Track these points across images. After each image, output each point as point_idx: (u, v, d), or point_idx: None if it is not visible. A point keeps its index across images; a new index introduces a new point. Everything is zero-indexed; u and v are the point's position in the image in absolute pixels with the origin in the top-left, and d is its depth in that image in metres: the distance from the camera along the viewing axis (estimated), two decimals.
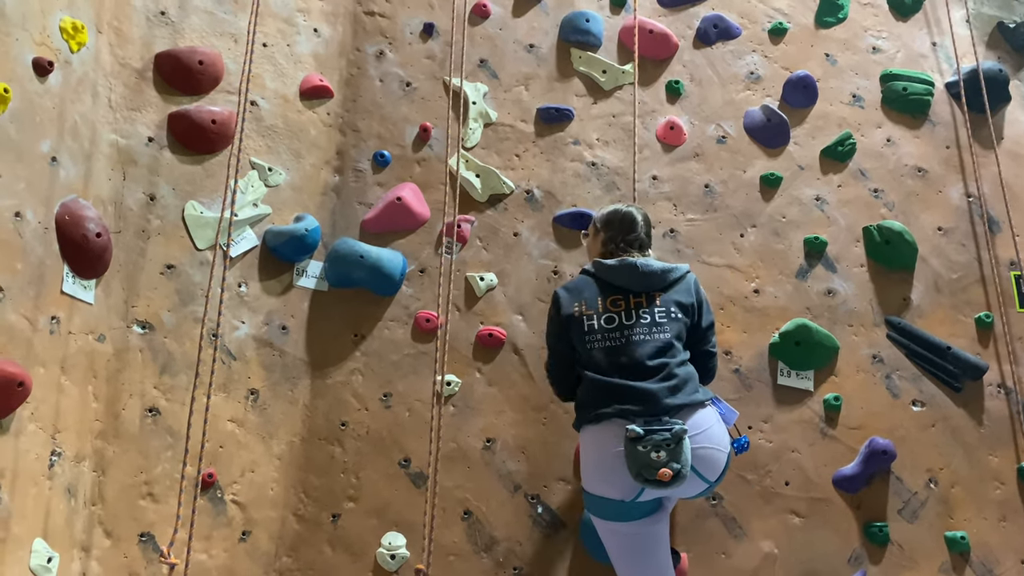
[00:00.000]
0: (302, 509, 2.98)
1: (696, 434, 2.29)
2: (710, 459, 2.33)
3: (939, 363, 3.17)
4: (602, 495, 2.35)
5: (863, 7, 3.80)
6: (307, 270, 3.22)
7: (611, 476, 2.30)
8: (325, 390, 3.13)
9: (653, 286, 2.52)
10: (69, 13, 2.76)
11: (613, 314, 2.49)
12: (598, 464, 2.36)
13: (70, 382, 2.59)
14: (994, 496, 3.03)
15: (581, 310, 2.52)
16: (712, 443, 2.34)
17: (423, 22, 3.66)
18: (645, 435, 2.21)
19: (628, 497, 2.30)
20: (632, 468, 2.21)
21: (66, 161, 2.67)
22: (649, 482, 2.19)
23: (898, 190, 3.47)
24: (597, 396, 2.41)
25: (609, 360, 2.43)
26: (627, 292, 2.51)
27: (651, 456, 2.19)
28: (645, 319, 2.46)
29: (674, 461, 2.19)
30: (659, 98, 3.60)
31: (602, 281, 2.55)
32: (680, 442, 2.22)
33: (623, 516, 2.36)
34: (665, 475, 2.17)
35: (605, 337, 2.46)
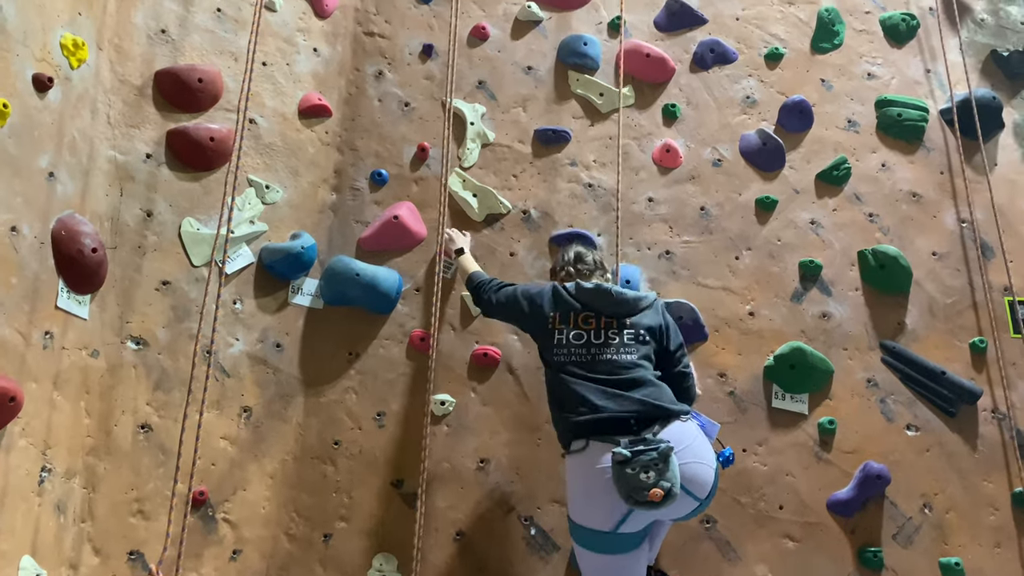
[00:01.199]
0: (294, 528, 2.96)
1: (680, 449, 2.27)
2: (697, 475, 2.30)
3: (934, 388, 3.17)
4: (587, 526, 2.31)
5: (858, 33, 3.84)
6: (303, 288, 3.22)
7: (597, 504, 2.28)
8: (319, 408, 3.12)
9: (623, 312, 2.56)
10: (70, 30, 2.77)
11: (582, 331, 2.53)
12: (584, 491, 2.33)
13: (62, 398, 2.58)
14: (989, 522, 3.02)
15: (554, 322, 2.58)
16: (697, 458, 2.31)
17: (422, 43, 3.69)
18: (632, 457, 2.19)
19: (610, 526, 2.27)
20: (622, 491, 2.18)
21: (64, 176, 2.68)
22: (640, 504, 2.16)
23: (893, 215, 3.48)
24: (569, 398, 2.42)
25: (576, 375, 2.45)
26: (599, 314, 2.56)
27: (640, 477, 2.16)
28: (614, 339, 2.50)
29: (663, 480, 2.16)
30: (656, 121, 3.63)
31: (577, 302, 2.59)
32: (667, 460, 2.19)
33: (609, 549, 2.33)
34: (657, 495, 2.14)
35: (571, 352, 2.50)
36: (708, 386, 3.18)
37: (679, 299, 3.27)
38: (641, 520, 2.29)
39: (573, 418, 2.39)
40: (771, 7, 3.87)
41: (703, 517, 3.00)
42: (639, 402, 2.36)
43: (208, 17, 3.29)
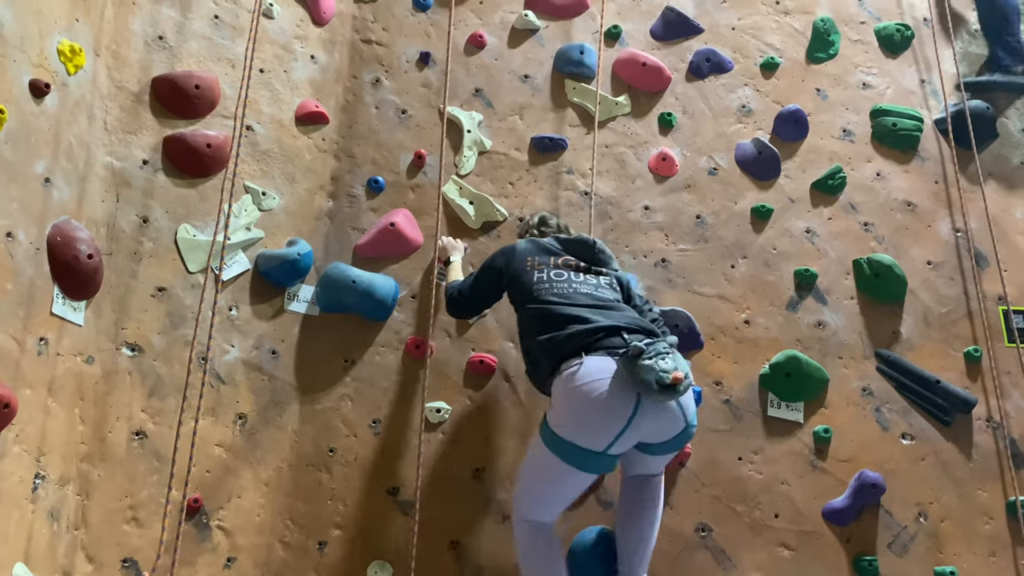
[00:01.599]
0: (288, 536, 2.95)
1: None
2: (688, 390, 2.35)
3: (928, 396, 3.18)
4: (582, 444, 2.32)
5: (854, 43, 3.86)
6: (299, 295, 3.21)
7: (595, 420, 2.30)
8: (314, 415, 3.11)
9: (600, 262, 2.78)
10: (68, 36, 2.77)
11: (563, 271, 2.70)
12: (582, 408, 2.33)
13: (57, 404, 2.57)
14: (983, 531, 3.02)
15: (533, 263, 2.72)
16: (689, 375, 2.34)
17: (419, 51, 3.70)
18: (647, 348, 2.26)
19: (602, 446, 2.30)
20: (645, 379, 2.21)
21: (60, 182, 2.67)
22: (664, 389, 2.21)
23: (888, 224, 3.50)
24: (557, 320, 2.48)
25: (557, 303, 2.55)
26: (579, 259, 2.76)
27: (658, 363, 2.23)
28: (592, 280, 2.68)
29: (679, 367, 2.25)
30: (652, 129, 3.64)
31: (557, 247, 2.79)
32: (676, 353, 2.30)
33: (589, 466, 2.38)
34: (678, 377, 2.22)
35: (552, 285, 2.63)
36: (704, 394, 3.18)
37: (675, 307, 3.28)
38: (633, 437, 2.33)
39: (564, 334, 2.43)
40: (767, 17, 3.89)
41: (698, 525, 3.00)
42: (624, 318, 2.50)
43: (206, 24, 3.29)
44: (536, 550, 2.52)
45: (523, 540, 2.53)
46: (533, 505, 2.52)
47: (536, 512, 2.52)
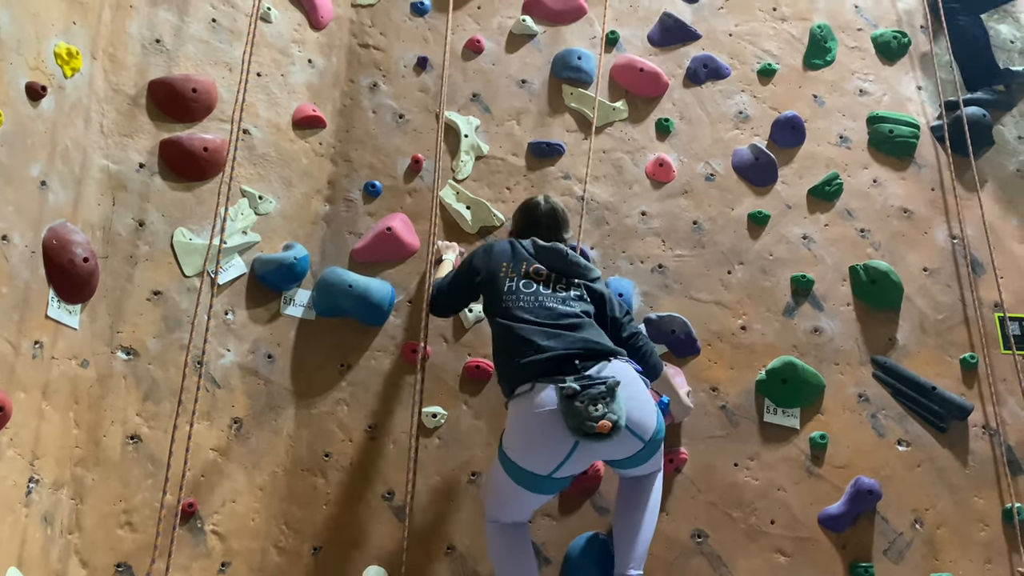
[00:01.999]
0: (283, 541, 2.94)
1: (623, 386, 2.33)
2: (640, 413, 2.37)
3: (924, 403, 3.18)
4: (527, 467, 2.38)
5: (850, 50, 3.87)
6: (295, 299, 3.21)
7: (536, 445, 2.35)
8: (310, 420, 3.10)
9: (572, 273, 2.70)
10: (64, 39, 2.77)
11: (532, 281, 2.65)
12: (526, 432, 2.39)
13: (51, 408, 2.56)
14: (979, 538, 3.02)
15: (507, 270, 2.68)
16: (639, 395, 2.40)
17: (417, 56, 3.70)
18: (581, 390, 2.26)
19: (547, 471, 2.35)
20: (570, 423, 2.25)
21: (56, 185, 2.67)
22: (589, 436, 2.23)
23: (884, 230, 3.50)
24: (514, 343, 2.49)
25: (522, 319, 2.53)
26: (551, 269, 2.69)
27: (589, 410, 2.23)
28: (560, 292, 2.63)
29: (611, 413, 2.24)
30: (649, 135, 3.65)
31: (531, 255, 2.72)
32: (614, 394, 2.27)
33: (537, 488, 2.44)
34: (605, 427, 2.22)
35: (519, 298, 2.60)
36: (700, 400, 3.18)
37: (671, 313, 3.28)
38: (581, 462, 2.38)
39: (520, 360, 2.44)
40: (764, 23, 3.90)
41: (694, 531, 3.00)
42: (581, 340, 2.45)
43: (203, 27, 3.29)
44: (504, 547, 2.60)
45: (493, 538, 2.62)
46: (498, 511, 2.61)
47: (503, 516, 2.60)
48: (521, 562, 2.59)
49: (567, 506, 3.02)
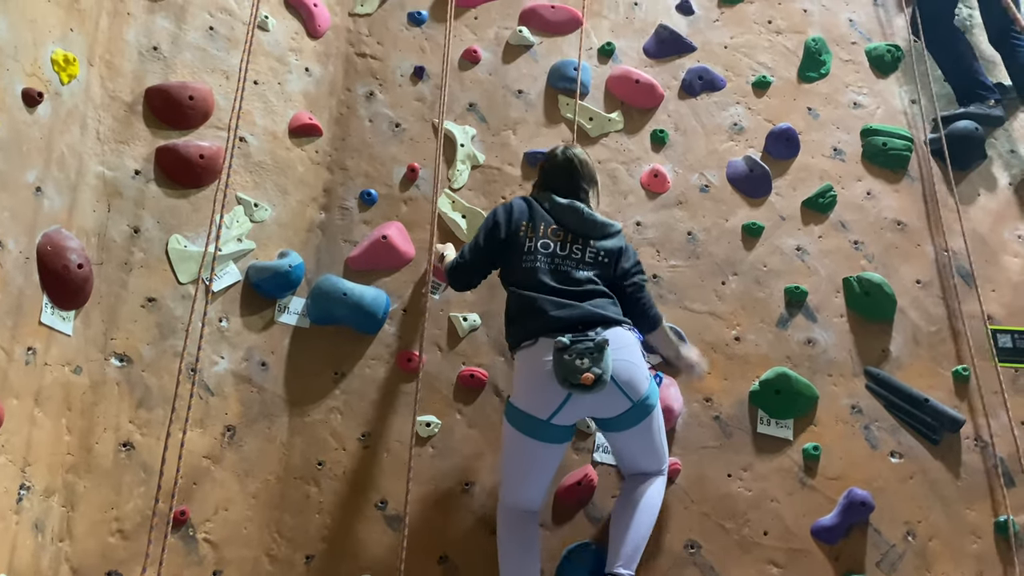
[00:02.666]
0: (276, 549, 2.93)
1: (617, 348, 2.50)
2: (631, 374, 2.53)
3: (917, 415, 3.19)
4: (526, 410, 2.56)
5: (845, 63, 3.90)
6: (289, 306, 3.21)
7: (536, 391, 2.53)
8: (303, 428, 3.10)
9: (590, 233, 2.74)
10: (61, 46, 2.78)
11: (550, 241, 2.71)
12: (528, 380, 2.58)
13: (43, 414, 2.55)
14: (971, 550, 3.03)
15: (527, 230, 2.74)
16: (632, 359, 2.55)
17: (414, 65, 3.71)
18: (571, 344, 2.44)
19: (546, 415, 2.52)
20: (559, 374, 2.44)
21: (51, 191, 2.67)
22: (575, 387, 2.42)
23: (878, 242, 3.52)
24: (526, 312, 2.62)
25: (538, 279, 2.64)
26: (567, 229, 2.73)
27: (576, 363, 2.42)
28: (576, 255, 2.70)
29: (596, 367, 2.41)
30: (644, 146, 3.66)
31: (549, 213, 2.76)
32: (602, 351, 2.44)
33: (539, 435, 2.57)
34: (588, 379, 2.40)
35: (537, 258, 2.68)
36: (694, 410, 3.19)
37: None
38: (575, 412, 2.55)
39: (530, 324, 2.59)
40: (759, 36, 3.93)
41: (687, 542, 3.00)
42: (588, 310, 2.57)
43: (200, 35, 3.30)
44: (512, 534, 2.67)
45: (502, 524, 2.70)
46: (509, 484, 2.70)
47: (513, 492, 2.68)
48: (524, 553, 2.64)
49: (560, 516, 3.02)
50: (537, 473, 2.67)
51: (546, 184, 2.88)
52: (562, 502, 3.02)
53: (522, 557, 2.64)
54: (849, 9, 4.04)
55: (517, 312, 2.67)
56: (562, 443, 2.64)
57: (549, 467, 2.68)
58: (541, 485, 2.70)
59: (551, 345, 2.49)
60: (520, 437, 2.60)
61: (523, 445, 2.61)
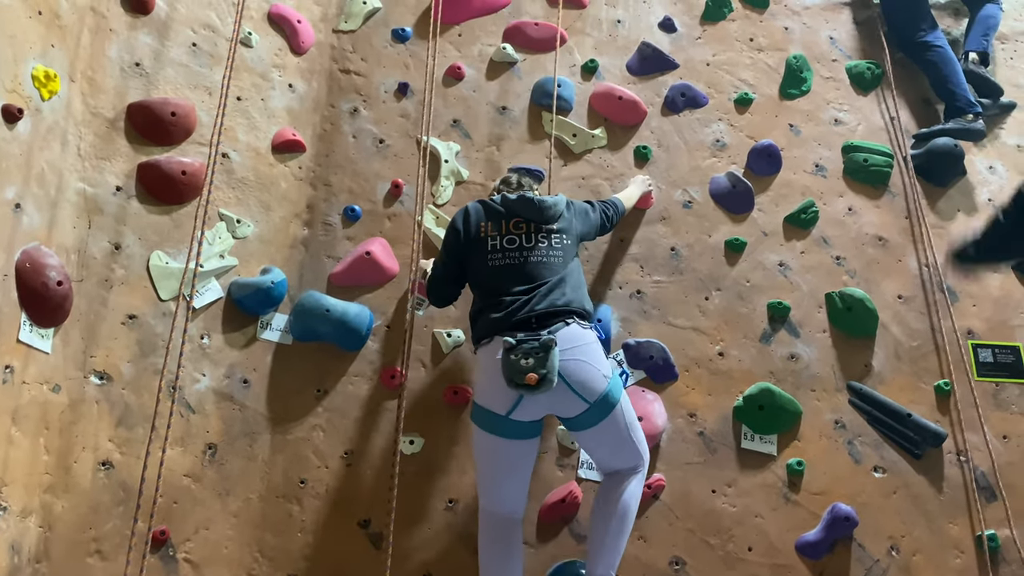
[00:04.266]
0: (257, 569, 2.90)
1: (569, 348, 2.53)
2: (583, 373, 2.54)
3: (899, 430, 3.20)
4: (486, 407, 2.61)
5: (825, 80, 3.94)
6: (272, 323, 3.19)
7: (493, 388, 2.57)
8: (285, 446, 3.07)
9: (548, 219, 2.80)
10: (42, 62, 2.76)
11: (515, 236, 2.76)
12: (485, 377, 2.63)
13: (20, 433, 2.52)
14: (954, 565, 3.03)
15: (486, 231, 2.78)
16: (586, 358, 2.56)
17: (398, 82, 3.72)
18: (518, 344, 2.49)
19: (504, 411, 2.55)
20: (506, 374, 2.48)
21: (30, 208, 2.65)
22: (520, 386, 2.45)
23: (859, 258, 3.54)
24: (485, 309, 2.68)
25: (504, 276, 2.69)
26: (528, 220, 2.79)
27: (521, 363, 2.45)
28: (543, 242, 2.75)
29: (540, 367, 2.44)
30: (627, 162, 3.68)
31: (505, 209, 2.82)
32: (548, 351, 2.47)
33: (500, 431, 2.60)
34: (531, 379, 2.43)
35: (505, 256, 2.73)
36: (678, 426, 3.19)
37: (649, 339, 3.29)
38: (531, 410, 2.56)
39: (487, 322, 2.65)
40: (741, 53, 3.96)
41: (672, 558, 2.99)
42: (547, 302, 2.62)
43: (183, 51, 3.30)
44: (492, 542, 2.65)
45: (482, 530, 2.68)
46: (483, 486, 2.70)
47: (488, 494, 2.68)
48: (505, 560, 2.62)
49: (545, 533, 3.00)
50: (508, 472, 2.66)
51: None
52: (546, 519, 3.01)
53: (502, 565, 2.61)
54: (829, 27, 4.08)
55: (477, 311, 2.74)
56: (528, 439, 2.65)
57: (520, 466, 2.68)
58: (516, 486, 2.69)
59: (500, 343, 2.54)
60: (485, 435, 2.64)
61: (489, 443, 2.64)
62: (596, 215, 3.01)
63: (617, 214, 3.12)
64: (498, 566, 2.62)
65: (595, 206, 3.04)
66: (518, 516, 2.70)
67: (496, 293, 2.67)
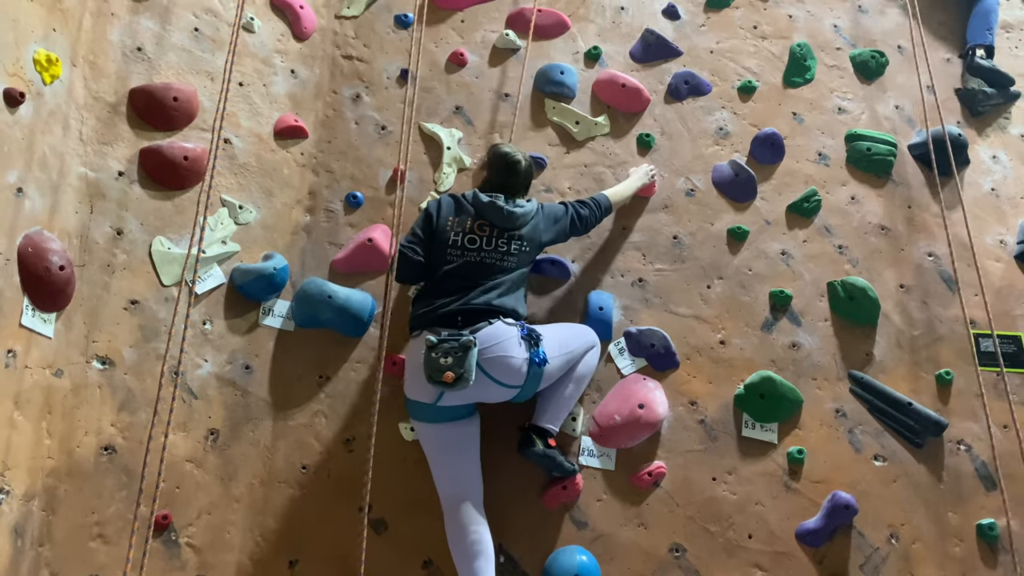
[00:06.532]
0: (259, 554, 2.91)
1: (488, 346, 2.66)
2: (505, 365, 2.69)
3: (900, 419, 3.20)
4: (414, 398, 2.76)
5: (829, 69, 3.92)
6: (274, 309, 3.19)
7: (418, 381, 2.70)
8: (287, 432, 3.08)
9: (514, 226, 2.88)
10: (44, 46, 2.75)
11: (476, 236, 2.85)
12: (411, 370, 2.76)
13: (23, 418, 2.52)
14: (954, 553, 3.05)
15: (452, 225, 2.88)
16: (504, 352, 2.69)
17: (400, 68, 3.70)
18: (438, 343, 2.60)
19: (431, 400, 2.70)
20: (425, 371, 2.60)
21: (32, 192, 2.64)
22: (438, 383, 2.57)
23: (862, 247, 3.54)
24: (421, 301, 2.82)
25: (453, 274, 2.81)
26: (492, 224, 2.87)
27: (440, 361, 2.58)
28: (502, 248, 2.85)
29: (457, 366, 2.56)
30: (630, 150, 3.67)
31: (474, 209, 2.90)
32: (467, 351, 2.58)
33: (431, 418, 2.75)
34: (448, 377, 2.55)
35: (463, 254, 2.83)
36: (679, 414, 3.19)
37: (651, 327, 3.29)
38: (454, 399, 2.71)
39: (420, 310, 2.79)
40: (744, 41, 3.95)
41: (672, 545, 3.00)
42: (481, 301, 2.75)
43: (185, 36, 3.28)
44: (456, 528, 2.74)
45: (447, 523, 2.78)
46: (436, 477, 2.83)
47: (442, 484, 2.81)
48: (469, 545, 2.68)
49: (545, 519, 3.01)
50: (454, 456, 2.78)
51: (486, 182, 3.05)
52: (547, 506, 3.02)
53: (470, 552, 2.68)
54: (834, 15, 4.07)
55: (416, 300, 2.87)
56: (462, 419, 2.79)
57: (463, 448, 2.80)
58: (466, 468, 2.80)
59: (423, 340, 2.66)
60: (423, 426, 2.79)
61: (428, 433, 2.79)
62: (566, 220, 3.04)
63: (597, 214, 3.12)
64: (466, 552, 2.68)
65: (568, 210, 3.06)
66: (477, 498, 2.79)
67: (440, 287, 2.80)
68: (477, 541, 2.68)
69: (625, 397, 3.14)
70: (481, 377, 2.65)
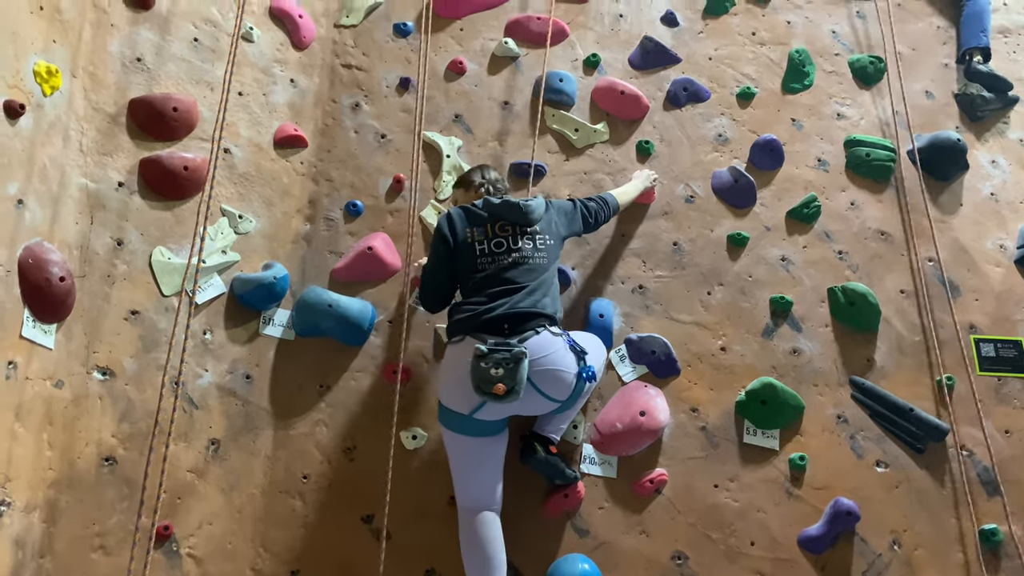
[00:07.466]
0: (260, 564, 2.91)
1: (539, 357, 2.57)
2: (556, 378, 2.61)
3: (902, 424, 3.20)
4: (450, 407, 2.66)
5: (828, 75, 3.93)
6: (274, 318, 3.19)
7: (458, 389, 2.61)
8: (288, 441, 3.08)
9: (531, 221, 2.83)
10: (44, 57, 2.76)
11: (501, 239, 2.79)
12: (452, 376, 2.66)
13: (24, 429, 2.52)
14: (956, 559, 3.04)
15: (473, 236, 2.80)
16: (556, 365, 2.61)
17: (400, 76, 3.71)
18: (488, 353, 2.51)
19: (467, 411, 2.61)
20: (473, 381, 2.51)
21: (33, 204, 2.65)
22: (486, 395, 2.48)
23: (862, 252, 3.54)
24: (463, 307, 2.71)
25: (493, 279, 2.72)
26: (512, 223, 2.81)
27: (491, 372, 2.48)
28: (528, 244, 2.78)
29: (509, 378, 2.47)
30: (629, 157, 3.67)
31: (488, 214, 2.83)
32: (519, 363, 2.49)
33: (463, 429, 2.67)
34: (500, 389, 2.46)
35: (495, 259, 2.75)
36: (680, 421, 3.19)
37: (652, 333, 3.29)
38: (494, 412, 2.62)
39: (462, 321, 2.68)
40: (743, 48, 3.95)
41: (674, 552, 2.99)
42: (522, 306, 2.65)
43: (185, 47, 3.29)
44: (470, 535, 2.69)
45: (462, 527, 2.73)
46: (458, 485, 2.77)
47: (463, 492, 2.75)
48: (485, 554, 2.66)
49: (547, 528, 3.01)
50: (479, 469, 2.73)
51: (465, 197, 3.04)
52: (549, 514, 3.01)
53: (485, 561, 2.65)
54: (832, 21, 4.07)
55: (456, 306, 2.78)
56: (494, 435, 2.72)
57: (490, 462, 2.74)
58: (489, 482, 2.74)
59: (470, 347, 2.57)
60: (451, 435, 2.71)
61: (456, 443, 2.71)
62: (576, 213, 3.01)
63: (606, 211, 3.09)
64: (481, 562, 2.65)
65: (576, 205, 3.03)
66: (495, 509, 2.75)
67: (480, 292, 2.71)
68: (493, 556, 2.65)
69: (626, 404, 3.14)
70: (529, 389, 2.56)
